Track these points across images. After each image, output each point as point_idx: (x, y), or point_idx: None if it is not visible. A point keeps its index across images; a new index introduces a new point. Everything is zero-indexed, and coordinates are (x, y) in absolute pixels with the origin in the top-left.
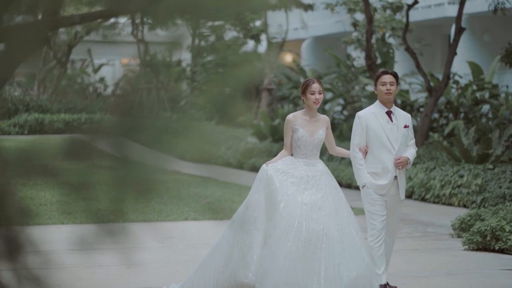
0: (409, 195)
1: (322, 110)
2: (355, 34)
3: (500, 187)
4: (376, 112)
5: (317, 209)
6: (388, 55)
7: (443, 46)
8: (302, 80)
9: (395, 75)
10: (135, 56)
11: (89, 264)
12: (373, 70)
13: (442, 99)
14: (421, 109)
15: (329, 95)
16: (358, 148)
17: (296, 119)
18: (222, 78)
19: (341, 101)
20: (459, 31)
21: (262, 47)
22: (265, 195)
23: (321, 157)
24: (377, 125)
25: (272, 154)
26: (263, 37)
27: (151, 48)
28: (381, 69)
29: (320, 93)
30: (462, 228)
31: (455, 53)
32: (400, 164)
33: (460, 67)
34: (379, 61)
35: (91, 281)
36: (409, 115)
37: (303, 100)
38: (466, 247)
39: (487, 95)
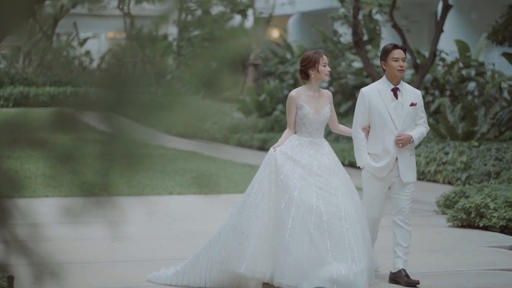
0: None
1: None
2: (342, 10)
3: (485, 165)
4: (380, 89)
5: (333, 190)
6: (375, 31)
7: (430, 23)
8: (288, 56)
9: (405, 49)
10: (121, 30)
11: (73, 237)
12: (359, 46)
13: (428, 76)
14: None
15: None
16: (361, 128)
17: (299, 95)
18: (208, 53)
19: None
20: (446, 8)
21: (249, 22)
22: (270, 182)
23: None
24: (380, 103)
25: (257, 130)
26: (249, 12)
27: (137, 22)
28: (390, 43)
29: None
30: (446, 205)
31: (442, 31)
32: (400, 141)
33: (447, 45)
34: (365, 37)
35: (75, 254)
36: (418, 91)
37: (310, 74)
38: (451, 224)
39: (473, 72)
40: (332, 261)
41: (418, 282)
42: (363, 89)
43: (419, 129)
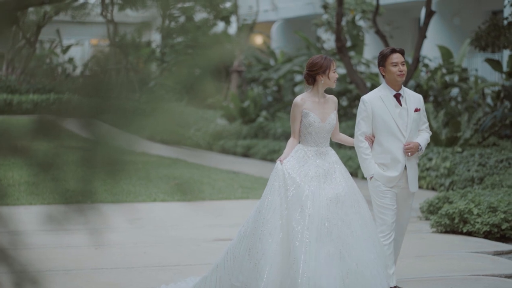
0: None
1: (292, 92)
2: (325, 16)
3: (469, 170)
4: (382, 96)
5: (340, 204)
6: (358, 37)
7: (413, 29)
8: (272, 62)
9: (403, 53)
10: (105, 37)
11: (57, 244)
12: (342, 52)
13: (411, 82)
14: None
15: (299, 77)
16: (365, 137)
17: (305, 102)
18: (191, 59)
19: None
20: (429, 14)
21: (232, 29)
22: (281, 197)
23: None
24: (384, 111)
25: (241, 136)
26: (233, 18)
27: (121, 28)
28: (388, 47)
29: None
30: (430, 210)
31: (425, 37)
32: (409, 150)
33: (430, 51)
34: (349, 43)
35: (59, 261)
36: (420, 96)
37: (319, 80)
38: (434, 229)
39: (456, 78)
40: (342, 279)
41: None
42: (364, 97)
43: (424, 136)
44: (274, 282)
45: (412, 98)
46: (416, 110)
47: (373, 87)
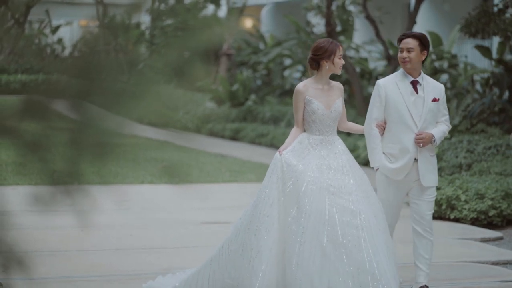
0: (365, 163)
1: (281, 76)
2: (315, 0)
3: (457, 157)
4: (398, 82)
5: (347, 196)
6: (348, 22)
7: (403, 14)
8: (261, 46)
9: (417, 37)
10: (94, 18)
11: (44, 225)
12: (332, 37)
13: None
14: (380, 77)
15: (288, 61)
16: (376, 124)
17: (307, 88)
18: (181, 42)
19: (300, 67)
20: (419, 0)
21: (222, 12)
22: (278, 191)
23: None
24: (398, 97)
25: (230, 119)
26: (223, 1)
27: (110, 10)
28: (404, 32)
29: None
30: None
31: (415, 22)
32: (421, 140)
33: None
34: (338, 28)
35: (45, 242)
36: (441, 85)
37: (324, 65)
38: None
39: (446, 65)
40: (348, 278)
41: None
42: (379, 81)
43: (441, 128)
44: (270, 281)
45: (432, 87)
46: (434, 100)
47: (362, 72)
